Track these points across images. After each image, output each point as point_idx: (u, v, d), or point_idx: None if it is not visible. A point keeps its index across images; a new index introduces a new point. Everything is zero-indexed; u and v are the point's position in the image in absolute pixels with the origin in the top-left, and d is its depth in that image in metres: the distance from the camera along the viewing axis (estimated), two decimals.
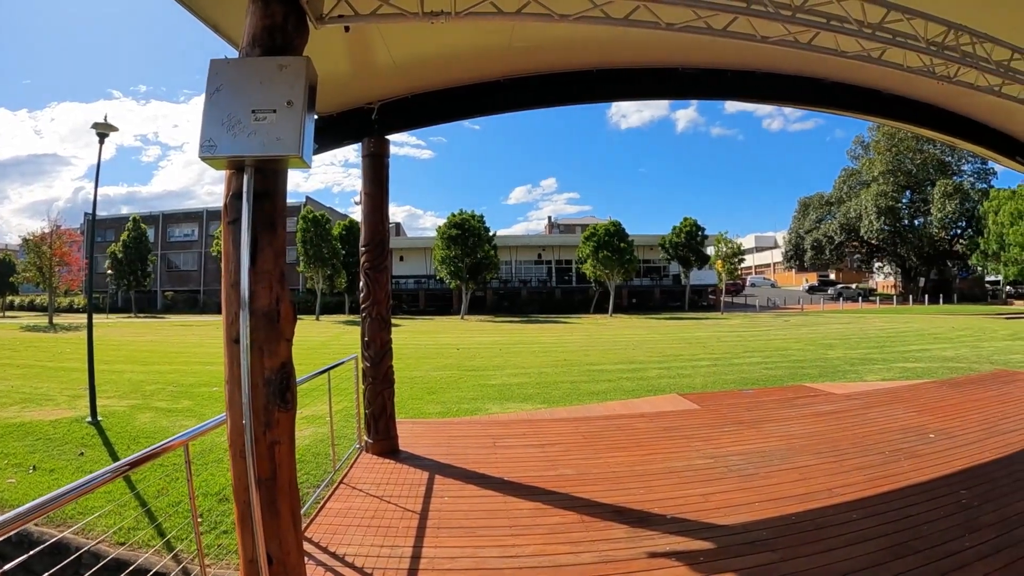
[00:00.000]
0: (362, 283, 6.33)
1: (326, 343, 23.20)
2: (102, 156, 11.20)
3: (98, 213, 12.61)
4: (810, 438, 6.80)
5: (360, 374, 6.45)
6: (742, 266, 57.84)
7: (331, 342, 23.73)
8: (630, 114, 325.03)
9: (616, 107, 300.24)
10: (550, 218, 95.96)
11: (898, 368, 14.10)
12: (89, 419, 9.36)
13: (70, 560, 4.11)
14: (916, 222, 57.21)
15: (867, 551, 3.88)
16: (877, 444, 6.43)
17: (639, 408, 9.39)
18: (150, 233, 54.46)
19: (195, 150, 2.71)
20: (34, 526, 5.69)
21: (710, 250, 48.59)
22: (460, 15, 3.77)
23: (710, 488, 5.22)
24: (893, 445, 6.37)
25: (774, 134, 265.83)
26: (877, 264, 66.91)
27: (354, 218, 49.43)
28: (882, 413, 8.01)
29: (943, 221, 53.20)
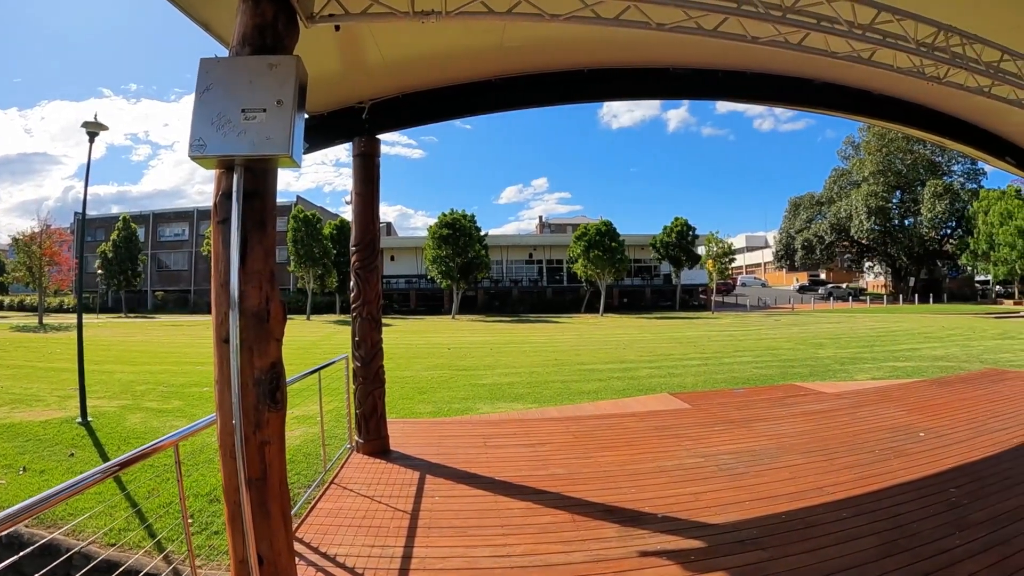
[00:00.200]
0: (352, 283, 6.31)
1: (317, 343, 23.13)
2: (92, 155, 11.15)
3: (88, 212, 12.55)
4: (800, 437, 6.83)
5: (351, 374, 6.43)
6: (733, 266, 57.98)
7: (322, 342, 23.65)
8: (621, 114, 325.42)
9: (607, 107, 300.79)
10: (541, 218, 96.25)
11: (888, 367, 14.20)
12: (79, 420, 9.30)
13: (61, 561, 4.10)
14: (906, 222, 57.66)
15: (857, 549, 3.89)
16: (867, 443, 6.46)
17: (630, 407, 9.41)
18: (140, 232, 54.12)
19: (185, 149, 2.71)
20: (24, 527, 5.67)
21: (701, 250, 48.75)
22: (451, 15, 3.77)
23: (701, 487, 5.24)
24: (883, 444, 6.40)
25: (765, 134, 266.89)
26: (867, 264, 67.45)
27: (345, 218, 49.33)
28: (872, 412, 8.05)
29: (933, 221, 53.58)
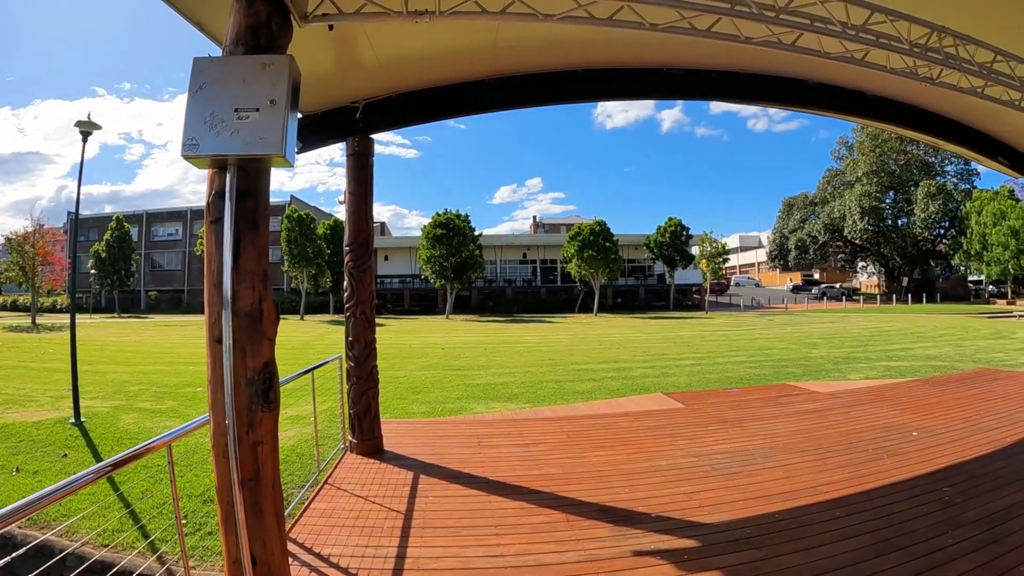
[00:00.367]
0: (346, 283, 6.30)
1: (310, 343, 23.07)
2: (86, 154, 11.06)
3: (81, 212, 12.48)
4: (794, 436, 6.85)
5: (344, 374, 6.42)
6: (727, 266, 58.29)
7: (315, 342, 23.60)
8: (615, 114, 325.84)
9: (602, 107, 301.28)
10: (535, 217, 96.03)
11: (881, 367, 14.25)
12: (72, 420, 9.25)
13: (54, 562, 4.07)
14: (899, 222, 57.84)
15: (850, 548, 3.90)
16: (860, 442, 6.48)
17: (624, 407, 9.41)
18: (134, 232, 53.74)
19: (179, 149, 2.69)
20: (17, 528, 5.63)
21: (695, 250, 48.73)
22: (444, 14, 3.77)
23: (694, 487, 5.24)
24: (876, 443, 6.43)
25: (759, 134, 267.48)
26: (861, 264, 67.72)
27: (339, 217, 49.18)
28: (865, 411, 8.08)
29: (926, 221, 53.79)
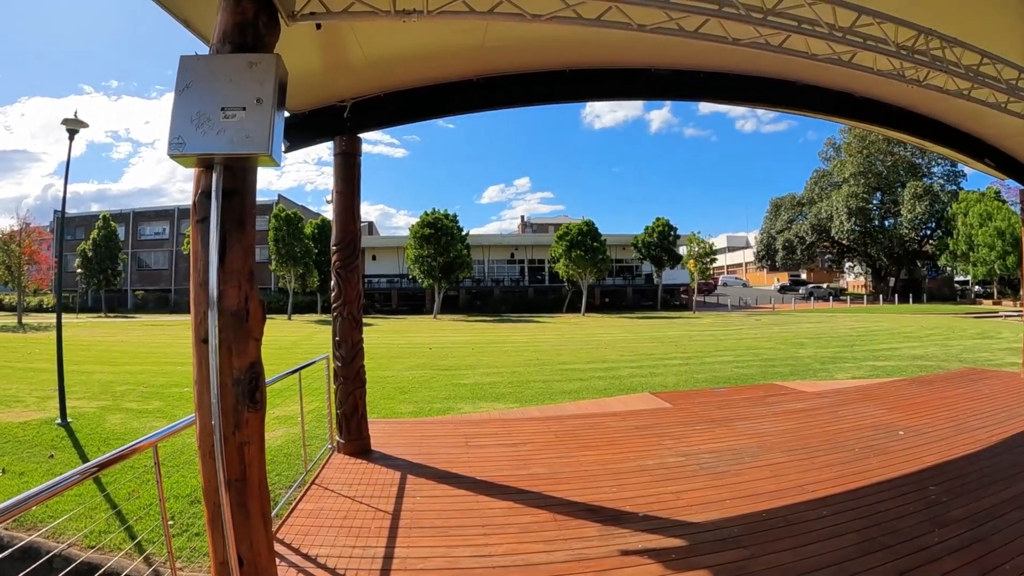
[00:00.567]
0: (333, 282, 6.27)
1: (298, 343, 22.96)
2: (72, 152, 10.98)
3: (68, 211, 12.38)
4: (781, 436, 6.89)
5: (331, 374, 6.40)
6: (714, 266, 58.55)
7: (303, 342, 23.49)
8: (604, 114, 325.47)
9: (590, 107, 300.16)
10: (523, 217, 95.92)
11: (868, 366, 14.36)
12: (59, 421, 9.15)
13: (40, 563, 4.03)
14: (886, 223, 58.31)
15: (837, 547, 3.93)
16: (847, 441, 6.53)
17: (611, 407, 9.42)
18: (120, 231, 53.25)
19: (166, 147, 2.68)
20: (4, 529, 5.57)
21: (682, 250, 48.92)
22: (432, 14, 3.77)
23: (682, 486, 5.26)
24: (863, 442, 6.47)
25: (747, 135, 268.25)
26: (848, 264, 68.21)
27: (327, 217, 48.98)
28: (852, 411, 8.14)
29: (913, 222, 54.26)
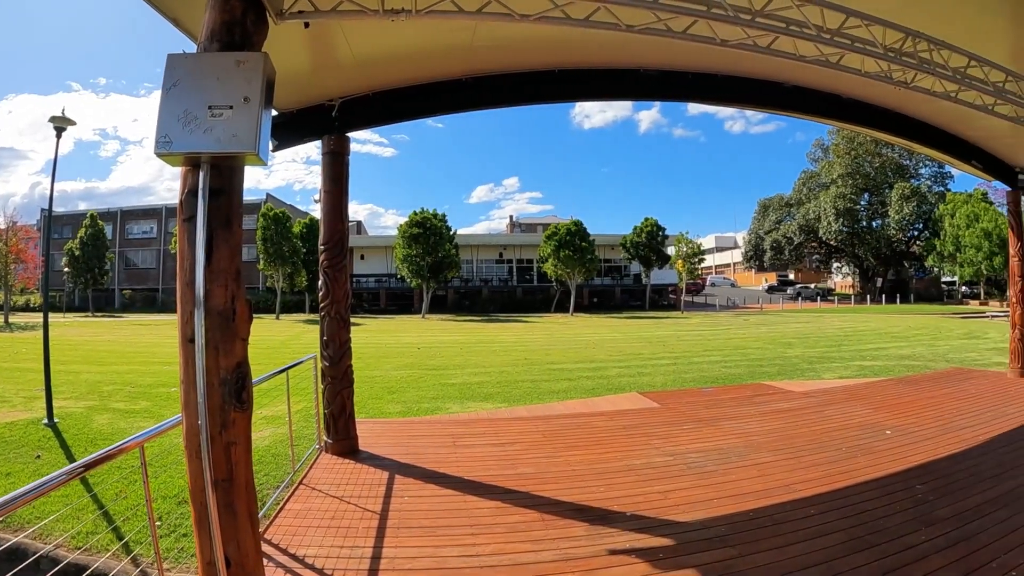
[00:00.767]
0: (321, 282, 6.25)
1: (286, 342, 22.86)
2: (60, 150, 10.87)
3: (55, 209, 12.26)
4: (768, 435, 6.92)
5: (319, 374, 6.37)
6: (702, 266, 58.80)
7: (291, 341, 23.40)
8: (593, 114, 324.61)
9: (579, 107, 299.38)
10: (512, 217, 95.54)
11: (855, 366, 14.47)
12: (45, 421, 9.06)
13: (27, 564, 4.00)
14: (874, 224, 58.77)
15: (824, 546, 3.95)
16: (834, 441, 6.57)
17: (599, 407, 9.44)
18: (108, 230, 52.73)
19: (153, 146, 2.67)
20: None
21: (671, 250, 49.13)
22: (421, 13, 3.77)
23: (669, 485, 5.28)
24: (850, 442, 6.51)
25: (736, 136, 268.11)
26: (835, 264, 68.69)
27: (315, 216, 48.77)
28: (839, 410, 8.19)
29: (900, 223, 54.74)
